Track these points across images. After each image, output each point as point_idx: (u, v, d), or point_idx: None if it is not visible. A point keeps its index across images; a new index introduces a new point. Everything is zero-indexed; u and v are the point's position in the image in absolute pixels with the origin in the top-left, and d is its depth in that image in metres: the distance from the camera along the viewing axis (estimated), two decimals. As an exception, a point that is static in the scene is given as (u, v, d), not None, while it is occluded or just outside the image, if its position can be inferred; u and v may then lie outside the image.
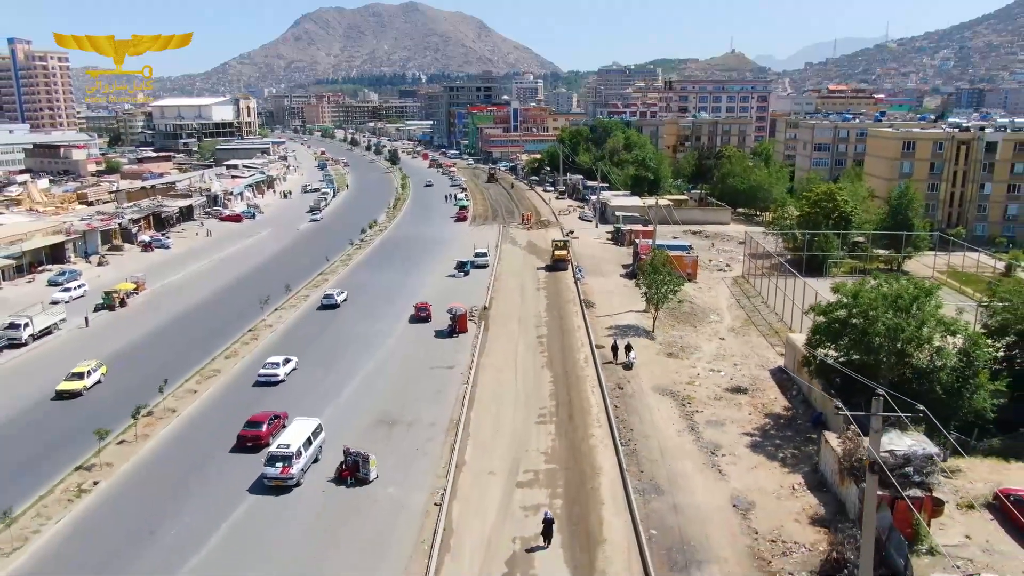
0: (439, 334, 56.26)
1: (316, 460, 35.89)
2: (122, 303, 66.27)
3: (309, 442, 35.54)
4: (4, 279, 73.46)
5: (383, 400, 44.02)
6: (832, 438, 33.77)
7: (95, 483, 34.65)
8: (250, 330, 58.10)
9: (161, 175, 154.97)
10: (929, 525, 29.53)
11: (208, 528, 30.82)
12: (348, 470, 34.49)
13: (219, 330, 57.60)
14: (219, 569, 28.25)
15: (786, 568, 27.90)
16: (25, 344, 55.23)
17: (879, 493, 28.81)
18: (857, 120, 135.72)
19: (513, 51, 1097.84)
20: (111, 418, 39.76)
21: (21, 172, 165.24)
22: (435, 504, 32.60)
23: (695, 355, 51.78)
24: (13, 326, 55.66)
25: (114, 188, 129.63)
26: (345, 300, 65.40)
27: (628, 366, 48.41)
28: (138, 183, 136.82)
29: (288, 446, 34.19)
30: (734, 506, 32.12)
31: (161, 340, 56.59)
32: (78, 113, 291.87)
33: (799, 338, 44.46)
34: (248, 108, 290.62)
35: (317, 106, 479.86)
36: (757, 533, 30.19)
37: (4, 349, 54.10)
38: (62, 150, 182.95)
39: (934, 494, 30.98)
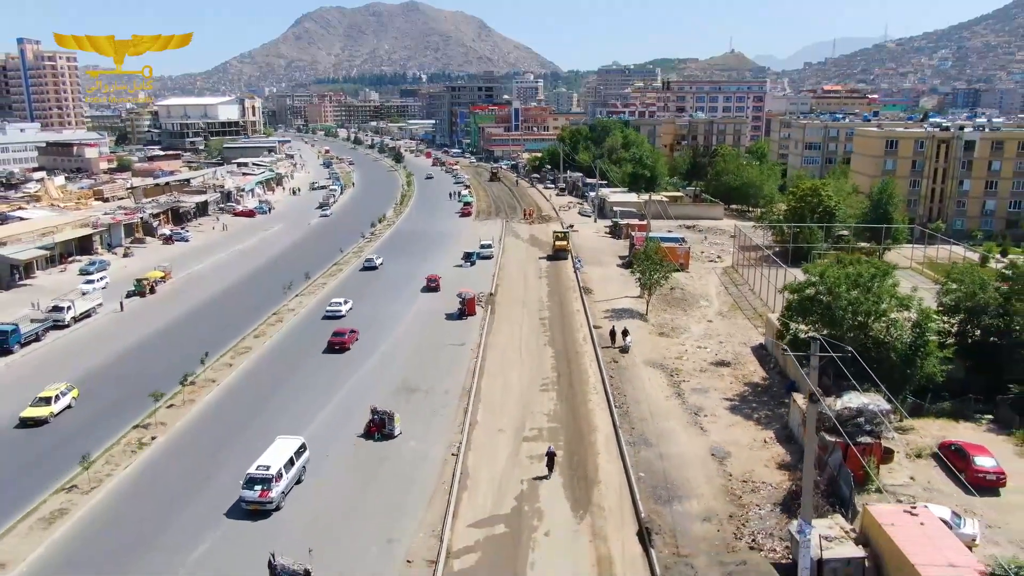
0: (450, 316, 61.11)
1: (299, 481, 33.96)
2: (152, 290, 71.00)
3: (291, 462, 33.57)
4: (38, 269, 78.31)
5: (402, 371, 48.85)
6: (799, 398, 38.59)
7: (153, 438, 39.47)
8: (274, 313, 62.97)
9: (171, 172, 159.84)
10: (878, 468, 34.31)
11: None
12: (375, 426, 39.34)
13: (245, 314, 62.33)
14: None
15: (754, 501, 32.74)
16: (68, 326, 60.04)
17: (835, 440, 33.87)
18: (847, 120, 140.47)
19: (513, 51, 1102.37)
20: (158, 386, 44.43)
21: (35, 170, 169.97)
22: (452, 454, 37.40)
23: (684, 335, 56.65)
24: (57, 308, 60.49)
25: (129, 185, 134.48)
26: (382, 263, 79.75)
27: (624, 349, 52.96)
28: (150, 180, 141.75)
29: (268, 467, 32.18)
30: (712, 455, 36.99)
31: (191, 323, 61.39)
32: (85, 112, 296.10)
33: (776, 316, 49.27)
34: (253, 108, 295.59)
35: (319, 105, 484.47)
36: (731, 475, 35.05)
37: (50, 330, 58.91)
38: (75, 148, 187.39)
39: (884, 444, 35.91)
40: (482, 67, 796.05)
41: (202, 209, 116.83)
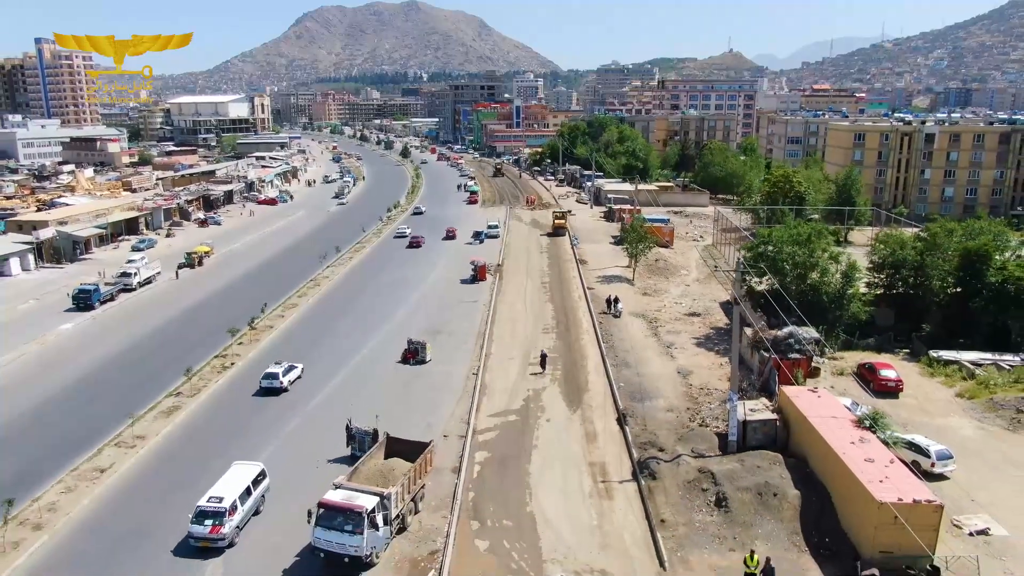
0: (464, 281, 71.02)
1: (257, 512, 30.89)
2: (200, 262, 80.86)
3: (248, 492, 30.21)
4: (95, 246, 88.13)
5: (427, 320, 58.71)
6: (748, 330, 48.52)
7: (232, 364, 49.38)
8: (312, 279, 72.89)
9: (190, 166, 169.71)
10: (805, 379, 44.14)
11: (313, 390, 45.47)
12: (411, 354, 49.22)
13: (287, 279, 72.19)
14: (339, 402, 42.68)
15: (706, 401, 42.65)
16: (134, 290, 69.91)
17: (770, 356, 43.73)
18: (826, 116, 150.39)
19: (513, 50, 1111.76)
20: (222, 337, 54.02)
21: (61, 163, 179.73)
22: (473, 374, 47.27)
23: (664, 295, 66.60)
24: (126, 275, 70.39)
25: (157, 177, 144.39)
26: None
27: (617, 315, 61.97)
28: (170, 173, 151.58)
29: (220, 499, 28.88)
30: (678, 372, 46.95)
31: (241, 287, 71.24)
32: (99, 110, 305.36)
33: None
34: (263, 105, 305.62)
35: (323, 104, 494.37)
36: (691, 385, 44.99)
37: (120, 292, 68.74)
38: (98, 143, 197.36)
39: (814, 365, 45.80)
40: (482, 66, 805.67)
41: (228, 198, 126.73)
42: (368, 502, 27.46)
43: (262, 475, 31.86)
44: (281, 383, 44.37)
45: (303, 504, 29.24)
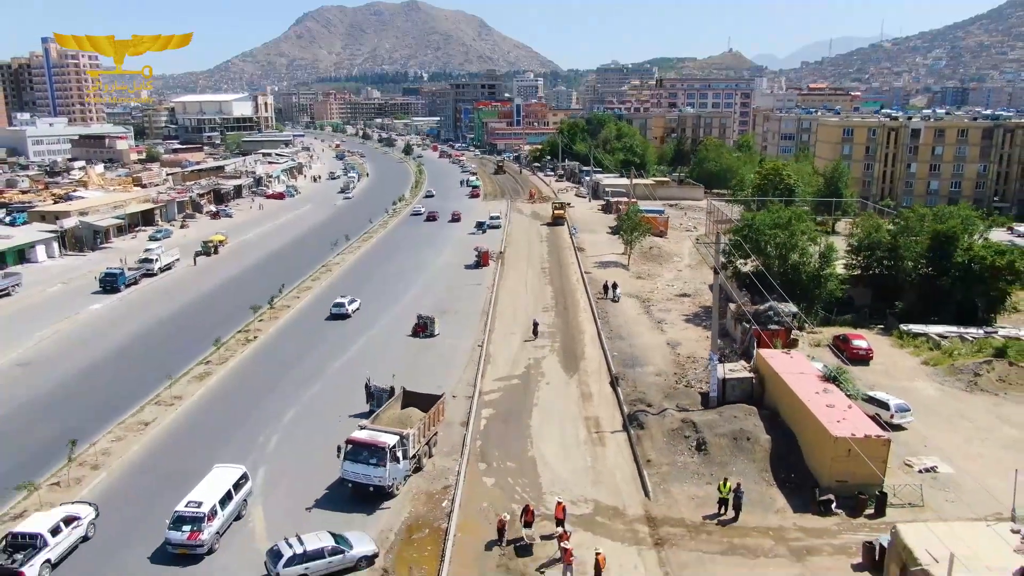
0: (468, 267, 74.94)
1: (239, 517, 29.80)
2: (216, 250, 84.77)
3: (229, 496, 29.13)
4: (113, 236, 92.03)
5: (434, 300, 62.58)
6: (732, 305, 52.46)
7: (255, 337, 53.32)
8: (323, 265, 76.82)
9: (197, 163, 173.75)
10: (784, 347, 48.06)
11: (330, 359, 49.38)
12: (421, 327, 53.15)
13: (299, 266, 76.01)
14: (355, 368, 46.59)
15: (693, 367, 46.57)
16: (155, 275, 73.82)
17: (751, 326, 47.67)
18: (818, 114, 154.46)
19: (513, 49, 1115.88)
20: (246, 310, 58.03)
21: (71, 160, 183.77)
22: (478, 346, 51.19)
23: (657, 279, 70.57)
24: (147, 260, 74.36)
25: (166, 173, 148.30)
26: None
27: (615, 299, 65.73)
28: (177, 169, 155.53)
29: (199, 504, 27.87)
30: (667, 344, 50.92)
31: (257, 271, 75.11)
32: (104, 109, 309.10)
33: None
34: (266, 104, 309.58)
35: (325, 103, 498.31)
36: (679, 354, 48.94)
37: (143, 277, 72.64)
38: (107, 140, 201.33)
39: (793, 336, 49.71)
40: (482, 66, 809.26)
41: (237, 192, 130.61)
42: (390, 439, 31.39)
43: (244, 478, 30.55)
44: (347, 312, 57.65)
45: (329, 448, 32.99)
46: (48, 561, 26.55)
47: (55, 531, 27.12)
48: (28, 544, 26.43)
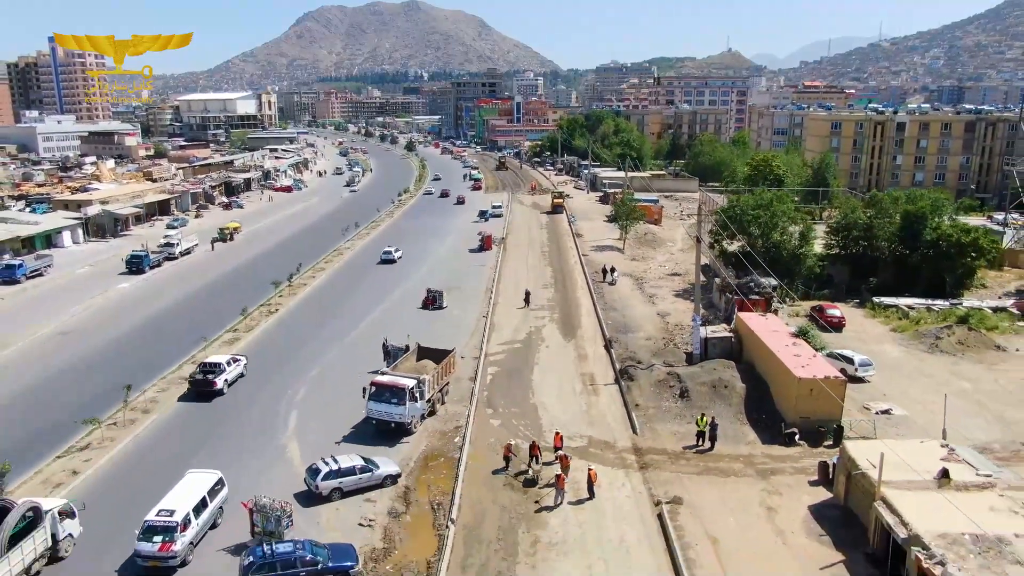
0: (472, 250, 79.31)
1: (215, 526, 28.19)
2: (231, 237, 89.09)
3: (204, 503, 27.56)
4: (132, 224, 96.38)
5: (441, 279, 66.83)
6: (717, 279, 56.81)
7: (276, 309, 57.68)
8: (335, 249, 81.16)
9: (204, 159, 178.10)
10: (764, 312, 52.33)
11: (348, 328, 53.72)
12: (430, 300, 57.51)
13: (311, 250, 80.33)
14: (372, 336, 50.87)
15: (680, 332, 50.91)
16: (177, 258, 78.15)
17: (733, 296, 52.02)
18: (810, 109, 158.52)
19: (513, 49, 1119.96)
20: (265, 290, 62.30)
21: (82, 155, 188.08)
22: (483, 316, 55.55)
23: (651, 261, 74.99)
24: (169, 244, 78.72)
25: (176, 167, 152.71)
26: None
27: (613, 283, 69.94)
28: (185, 164, 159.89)
29: (171, 512, 26.16)
30: (657, 314, 55.30)
31: (272, 256, 79.28)
32: (109, 107, 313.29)
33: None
34: (270, 102, 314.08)
35: (326, 102, 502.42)
36: (668, 323, 53.33)
37: (165, 260, 76.97)
38: (115, 137, 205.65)
39: (772, 306, 54.00)
40: (482, 65, 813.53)
41: (247, 185, 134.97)
42: (409, 382, 35.77)
43: (220, 484, 28.83)
44: (393, 259, 71.86)
45: (353, 396, 37.28)
46: (226, 380, 41.10)
47: (229, 362, 42.44)
48: (214, 368, 41.19)
